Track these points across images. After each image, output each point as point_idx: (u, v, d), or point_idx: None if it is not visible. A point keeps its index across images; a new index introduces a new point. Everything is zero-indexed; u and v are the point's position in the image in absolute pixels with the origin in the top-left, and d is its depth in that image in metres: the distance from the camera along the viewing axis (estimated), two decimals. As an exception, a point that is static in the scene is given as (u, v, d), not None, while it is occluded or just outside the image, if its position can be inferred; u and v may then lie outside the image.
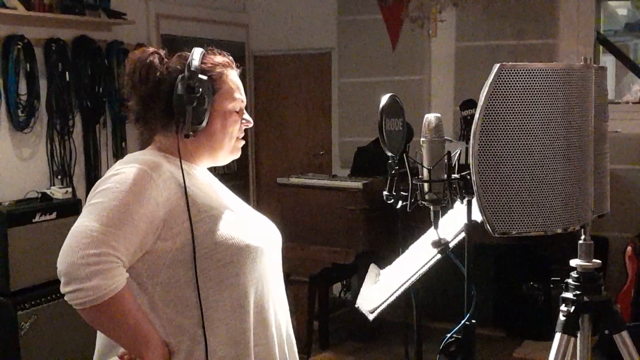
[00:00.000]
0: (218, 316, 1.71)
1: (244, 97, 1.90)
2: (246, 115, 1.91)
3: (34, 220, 4.19)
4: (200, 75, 1.76)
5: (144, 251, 1.67)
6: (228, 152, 1.89)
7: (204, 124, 1.77)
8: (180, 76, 1.75)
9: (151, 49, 1.83)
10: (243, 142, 1.92)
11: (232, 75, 1.88)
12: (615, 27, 5.98)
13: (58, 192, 4.50)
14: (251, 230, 1.80)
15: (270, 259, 1.87)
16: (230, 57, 1.92)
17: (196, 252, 1.68)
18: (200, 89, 1.74)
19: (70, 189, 4.66)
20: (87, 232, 1.58)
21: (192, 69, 1.76)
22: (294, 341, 1.97)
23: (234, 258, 1.73)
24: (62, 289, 1.58)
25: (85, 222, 1.60)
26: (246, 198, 6.83)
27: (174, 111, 1.75)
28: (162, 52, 1.84)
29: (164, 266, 1.69)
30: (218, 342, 1.71)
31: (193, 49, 1.83)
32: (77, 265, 1.55)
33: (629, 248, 4.87)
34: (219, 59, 1.87)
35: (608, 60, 5.62)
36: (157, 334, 1.68)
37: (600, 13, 5.58)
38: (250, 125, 1.93)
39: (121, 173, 1.68)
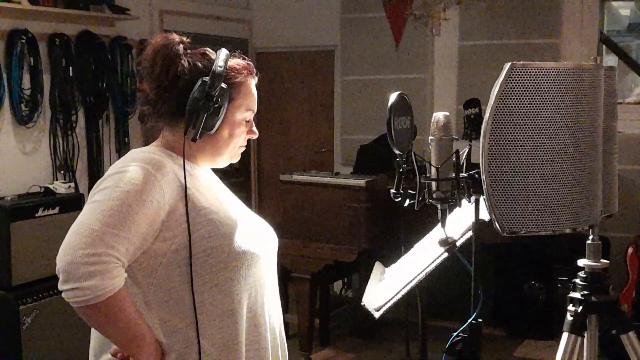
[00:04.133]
0: (211, 320, 1.72)
1: (255, 108, 1.89)
2: (254, 127, 1.90)
3: (36, 215, 4.19)
4: (222, 84, 1.73)
5: (142, 251, 1.66)
6: (228, 158, 1.89)
7: (212, 131, 1.76)
8: (202, 79, 1.72)
9: (177, 38, 1.78)
10: (243, 149, 1.91)
11: (252, 85, 1.85)
12: (618, 27, 5.98)
13: (61, 187, 4.50)
14: (249, 235, 1.79)
15: (266, 264, 1.86)
16: (251, 63, 1.88)
17: (192, 256, 1.68)
18: (219, 99, 1.72)
19: (72, 184, 4.66)
20: (88, 231, 1.57)
21: (216, 74, 1.72)
22: (286, 344, 1.98)
23: (229, 264, 1.72)
24: (60, 286, 1.57)
25: (86, 221, 1.59)
26: (248, 195, 6.86)
27: (186, 110, 1.72)
28: (187, 41, 1.80)
29: (159, 267, 1.69)
30: (210, 345, 1.71)
31: (219, 50, 1.79)
32: (76, 264, 1.54)
33: (631, 248, 4.88)
34: (241, 64, 1.84)
35: (610, 61, 5.61)
36: (152, 334, 1.69)
37: (603, 13, 5.58)
38: (255, 136, 1.91)
39: (125, 171, 1.66)
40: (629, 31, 5.94)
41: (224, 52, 1.79)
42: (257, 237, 1.83)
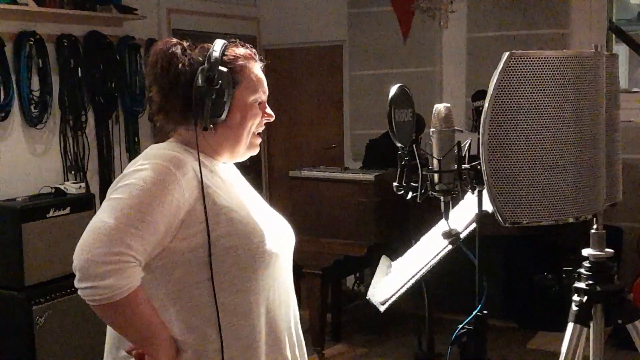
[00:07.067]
0: (229, 318, 1.70)
1: (266, 90, 1.86)
2: (268, 109, 1.87)
3: (47, 216, 4.20)
4: (220, 67, 1.73)
5: (160, 249, 1.65)
6: (246, 148, 1.85)
7: (223, 116, 1.75)
8: (200, 68, 1.73)
9: (174, 40, 1.80)
10: (260, 139, 1.89)
11: (255, 68, 1.84)
12: (628, 16, 5.94)
13: (72, 187, 4.51)
14: (268, 235, 1.76)
15: (284, 263, 1.84)
16: (254, 50, 1.88)
17: (211, 255, 1.66)
18: (220, 81, 1.72)
19: (83, 184, 4.68)
20: (105, 229, 1.55)
21: (212, 60, 1.73)
22: (303, 340, 1.96)
23: (248, 263, 1.71)
24: (76, 284, 1.56)
25: (104, 218, 1.57)
26: (259, 191, 6.83)
27: (193, 103, 1.72)
28: (185, 43, 1.81)
29: (178, 264, 1.67)
30: (228, 343, 1.69)
31: (215, 40, 1.80)
32: (93, 263, 1.52)
33: (643, 238, 4.85)
34: (241, 50, 1.83)
35: (620, 50, 5.57)
36: (167, 332, 1.67)
37: (612, 2, 5.53)
38: (272, 119, 1.88)
39: (145, 169, 1.64)
40: (639, 20, 5.89)
41: (219, 41, 1.80)
42: (276, 237, 1.81)
